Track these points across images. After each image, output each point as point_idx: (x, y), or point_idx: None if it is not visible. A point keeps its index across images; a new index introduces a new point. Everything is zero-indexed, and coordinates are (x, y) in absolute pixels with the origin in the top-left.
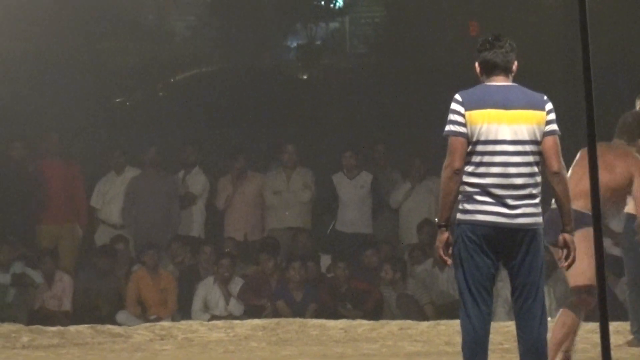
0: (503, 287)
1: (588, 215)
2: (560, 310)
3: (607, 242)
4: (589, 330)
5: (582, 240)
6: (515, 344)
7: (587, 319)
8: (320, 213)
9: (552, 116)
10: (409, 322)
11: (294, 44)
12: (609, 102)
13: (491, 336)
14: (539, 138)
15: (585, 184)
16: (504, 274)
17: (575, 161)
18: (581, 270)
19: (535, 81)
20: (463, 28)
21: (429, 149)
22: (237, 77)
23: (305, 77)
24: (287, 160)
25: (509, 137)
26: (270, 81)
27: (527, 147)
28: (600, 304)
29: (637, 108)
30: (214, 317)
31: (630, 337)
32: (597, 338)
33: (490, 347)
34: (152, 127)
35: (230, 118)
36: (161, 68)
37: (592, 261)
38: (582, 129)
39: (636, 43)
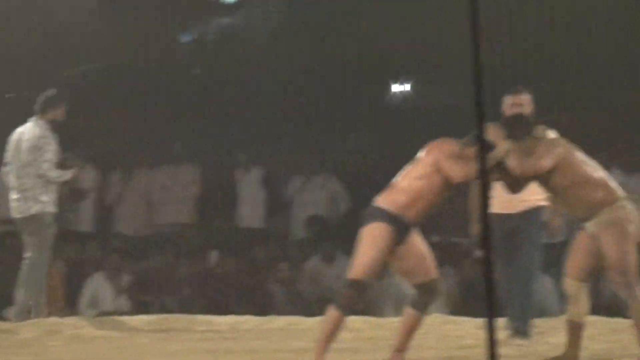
0: (391, 284)
1: (385, 210)
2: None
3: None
4: (477, 326)
5: (367, 235)
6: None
7: (476, 314)
8: (209, 209)
9: None
10: (296, 318)
11: (187, 39)
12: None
13: (378, 332)
14: None
15: (399, 179)
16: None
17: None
18: (357, 264)
19: (431, 81)
20: (356, 24)
21: (323, 145)
22: (128, 72)
23: (197, 71)
24: (175, 156)
25: None
26: (161, 76)
27: None
28: (487, 300)
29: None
30: (102, 313)
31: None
32: (484, 333)
33: (378, 343)
34: None
35: (121, 113)
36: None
37: (366, 257)
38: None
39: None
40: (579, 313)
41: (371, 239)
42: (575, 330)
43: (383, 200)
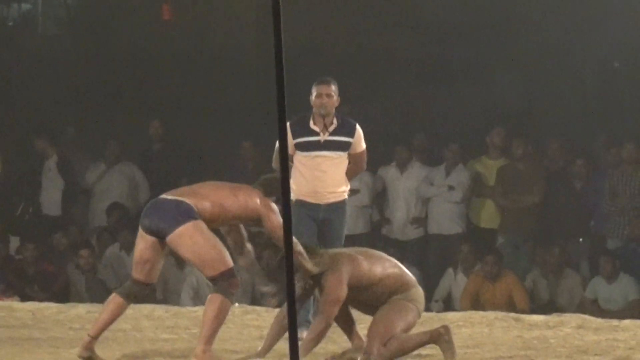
0: (190, 274)
1: (196, 212)
2: (210, 297)
3: None
4: None
5: (197, 232)
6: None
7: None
8: (10, 195)
9: None
10: (97, 305)
11: None
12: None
13: (178, 320)
14: None
15: (205, 190)
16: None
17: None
18: (215, 258)
19: (231, 72)
20: (157, 11)
21: (123, 132)
22: None
23: None
24: None
25: None
26: None
27: None
28: (288, 291)
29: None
30: None
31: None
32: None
33: (177, 331)
34: None
35: None
36: None
37: (217, 247)
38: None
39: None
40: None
41: (204, 235)
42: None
43: (194, 202)
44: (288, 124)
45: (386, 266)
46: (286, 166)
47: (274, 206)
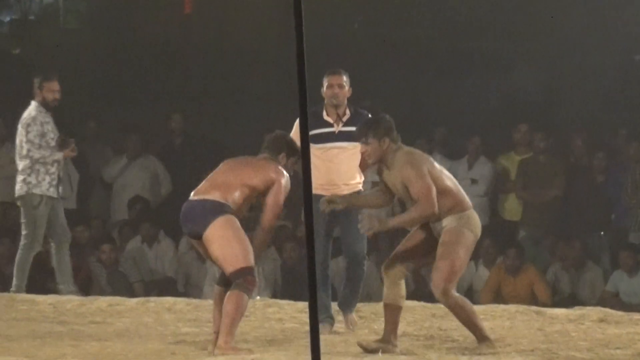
0: (212, 266)
1: (226, 204)
2: (229, 293)
3: None
4: (299, 309)
5: (227, 227)
6: None
7: (297, 298)
8: None
9: None
10: (118, 298)
11: (8, 18)
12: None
13: (200, 314)
14: None
15: (228, 177)
16: None
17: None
18: (237, 254)
19: (252, 65)
20: (178, 5)
21: (145, 126)
22: None
23: (17, 51)
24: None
25: None
26: None
27: None
28: (309, 284)
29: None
30: None
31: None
32: (306, 317)
33: (198, 323)
34: None
35: None
36: None
37: (243, 245)
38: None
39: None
40: (396, 296)
41: (233, 230)
42: (392, 313)
43: (219, 196)
44: None
45: (451, 180)
46: (308, 158)
47: (285, 184)
